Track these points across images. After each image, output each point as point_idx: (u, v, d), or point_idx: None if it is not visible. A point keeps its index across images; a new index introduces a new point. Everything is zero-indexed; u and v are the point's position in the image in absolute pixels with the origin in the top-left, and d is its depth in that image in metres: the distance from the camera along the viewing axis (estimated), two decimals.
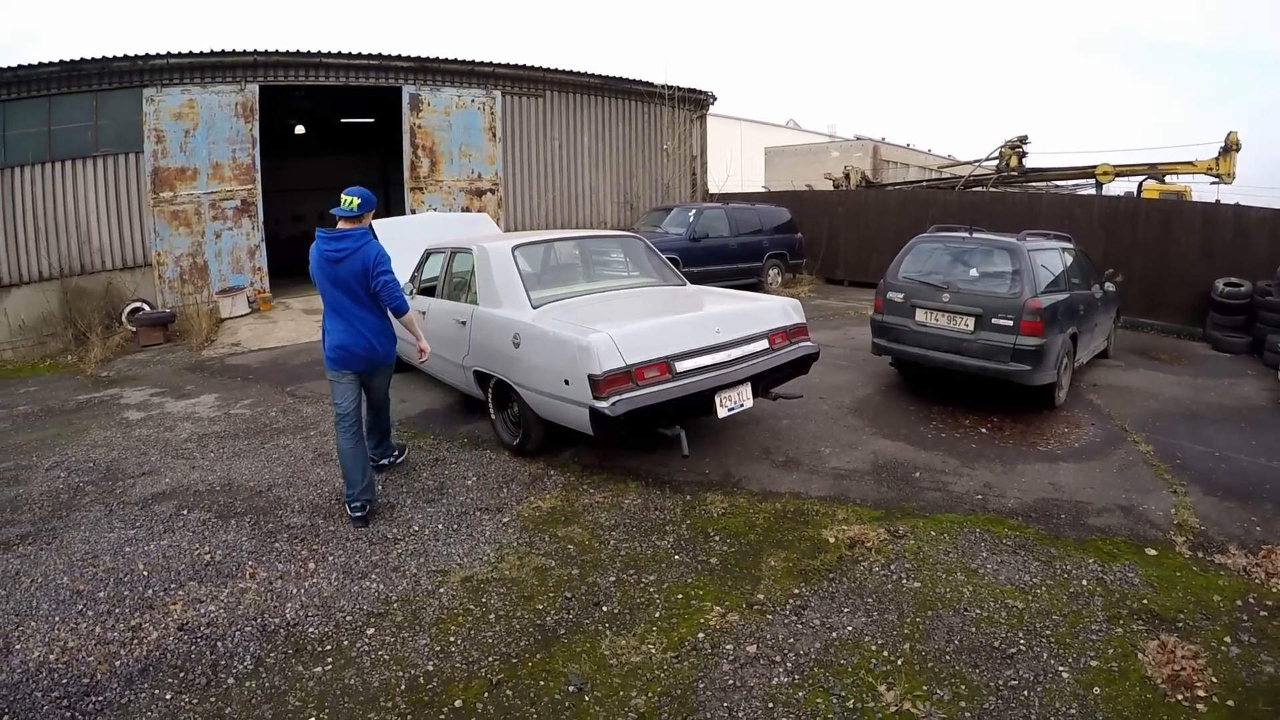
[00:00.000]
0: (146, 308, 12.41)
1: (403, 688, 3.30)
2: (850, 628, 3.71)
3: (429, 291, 7.35)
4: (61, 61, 11.76)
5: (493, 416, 6.31)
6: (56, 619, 3.91)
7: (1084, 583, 4.11)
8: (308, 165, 21.03)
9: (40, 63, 11.67)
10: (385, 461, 5.85)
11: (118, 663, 3.52)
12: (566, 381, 5.08)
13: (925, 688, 3.24)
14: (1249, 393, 8.17)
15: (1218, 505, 5.16)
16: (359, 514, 4.96)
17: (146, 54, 12.24)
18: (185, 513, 5.20)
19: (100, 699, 3.27)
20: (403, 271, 7.87)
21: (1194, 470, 5.79)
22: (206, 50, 12.71)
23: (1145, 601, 3.93)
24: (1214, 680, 3.29)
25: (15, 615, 3.96)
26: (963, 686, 3.25)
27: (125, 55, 12.12)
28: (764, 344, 5.80)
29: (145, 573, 4.36)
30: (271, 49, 13.19)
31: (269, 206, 13.87)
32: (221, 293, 13.19)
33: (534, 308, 5.80)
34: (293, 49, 13.38)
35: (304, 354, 10.31)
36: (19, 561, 4.55)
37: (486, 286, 6.19)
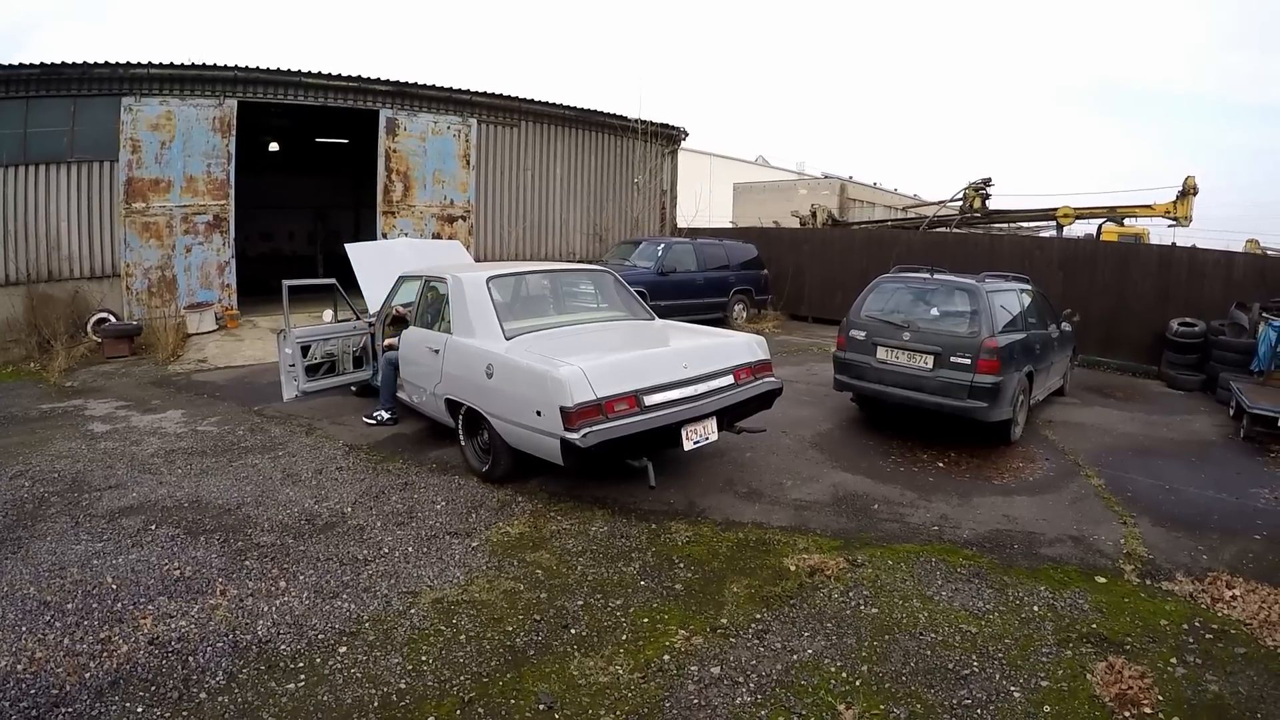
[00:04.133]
0: (113, 319, 12.26)
1: (376, 705, 3.36)
2: (810, 650, 3.83)
3: (402, 318, 7.42)
4: (41, 64, 11.69)
5: (462, 443, 6.37)
6: (23, 629, 3.91)
7: (1035, 609, 4.28)
8: (279, 184, 20.95)
9: (20, 64, 11.59)
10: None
11: (87, 675, 3.53)
12: (538, 412, 5.19)
13: (883, 707, 3.37)
14: (1200, 428, 8.46)
15: (1166, 535, 5.38)
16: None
17: (127, 62, 12.18)
18: (154, 528, 5.20)
19: (69, 710, 3.27)
20: (376, 296, 7.97)
21: (1144, 502, 6.01)
22: (187, 63, 12.69)
23: (1094, 626, 4.11)
24: (1160, 698, 3.45)
25: None
26: (919, 705, 3.38)
27: (106, 62, 12.05)
28: (730, 379, 5.95)
29: (114, 586, 4.37)
30: (252, 65, 13.21)
31: (239, 223, 13.80)
32: (189, 308, 13.08)
33: (507, 339, 5.90)
34: (273, 67, 13.41)
35: (271, 373, 10.23)
36: None
37: (460, 316, 6.28)
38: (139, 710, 3.30)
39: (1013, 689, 3.52)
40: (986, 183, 18.65)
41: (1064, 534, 5.36)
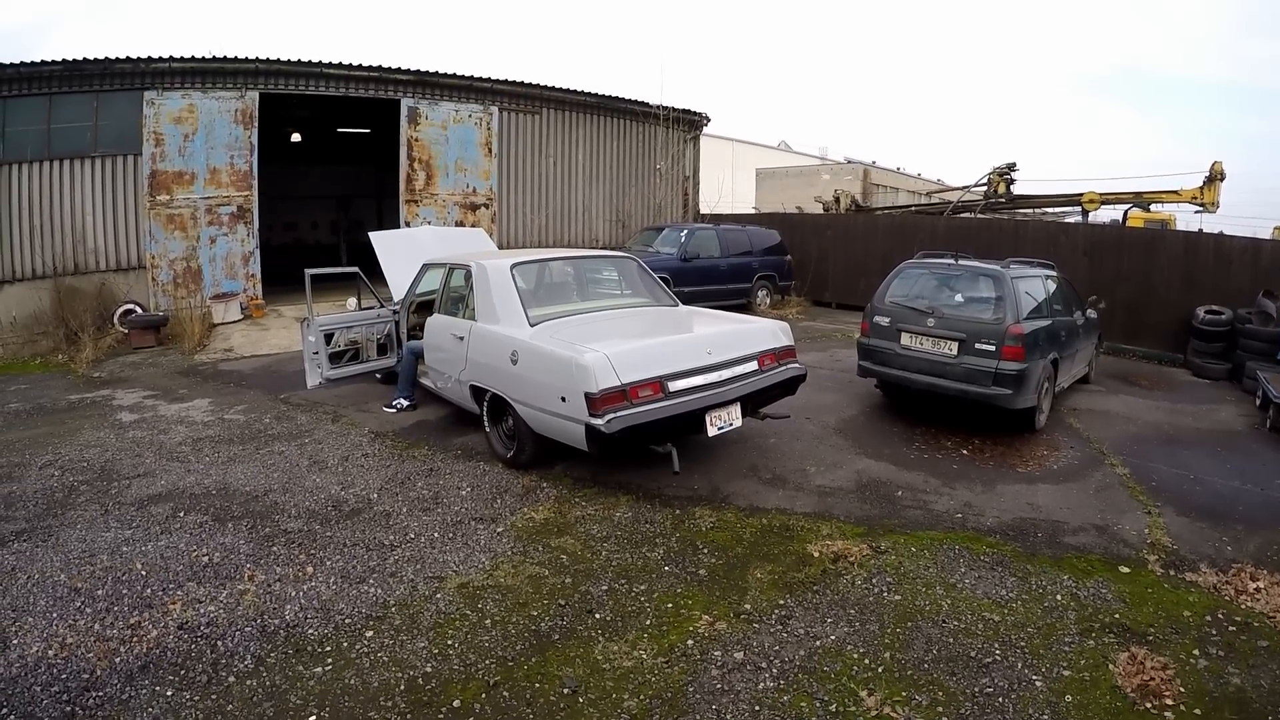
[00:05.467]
0: (139, 310, 12.43)
1: (402, 688, 3.40)
2: (833, 637, 3.83)
3: (427, 305, 7.45)
4: (64, 60, 11.83)
5: (487, 429, 6.40)
6: (54, 615, 3.98)
7: (1058, 597, 4.25)
8: (302, 173, 21.10)
9: (43, 60, 11.73)
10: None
11: (117, 659, 3.59)
12: (563, 398, 5.20)
13: (905, 694, 3.37)
14: (1226, 418, 8.35)
15: (1190, 525, 5.32)
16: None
17: (149, 56, 12.31)
18: (182, 515, 5.27)
19: (100, 694, 3.34)
20: (400, 283, 8.01)
21: (1169, 492, 5.95)
22: (208, 55, 12.80)
23: (1117, 616, 4.08)
24: (1182, 690, 3.43)
25: (12, 611, 4.02)
26: (940, 693, 3.38)
27: (127, 57, 12.17)
28: (754, 365, 5.93)
29: (143, 572, 4.44)
30: (273, 57, 13.28)
31: (262, 213, 13.93)
32: (215, 298, 13.21)
33: (531, 325, 5.91)
34: (294, 58, 13.47)
35: (297, 361, 10.29)
36: (14, 558, 4.62)
37: (484, 303, 6.30)
38: (168, 694, 3.35)
39: (1035, 678, 3.51)
40: (1011, 168, 18.42)
41: (1088, 523, 5.32)
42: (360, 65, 14.15)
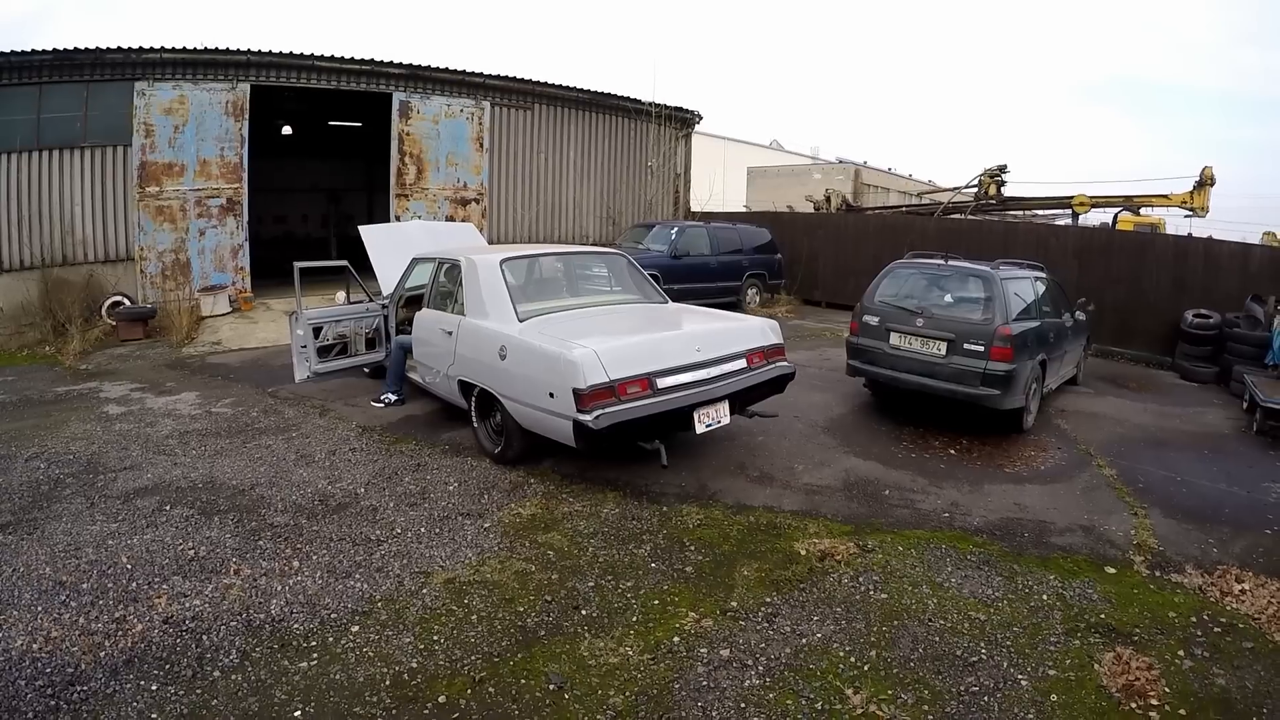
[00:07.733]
0: (127, 302, 12.34)
1: (387, 683, 3.39)
2: (819, 635, 3.84)
3: (415, 300, 7.43)
4: (54, 50, 11.73)
5: (475, 425, 6.39)
6: (39, 609, 3.95)
7: (1044, 597, 4.28)
8: (293, 166, 21.00)
9: (33, 50, 11.63)
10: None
11: (102, 653, 3.57)
12: (551, 394, 5.20)
13: (890, 692, 3.38)
14: (1213, 421, 8.40)
15: (1177, 527, 5.35)
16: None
17: (140, 47, 12.21)
18: (168, 508, 5.25)
19: (85, 688, 3.32)
20: (389, 278, 7.98)
21: (1155, 494, 5.98)
22: (200, 47, 12.70)
23: (1103, 616, 4.10)
24: (1167, 691, 3.45)
25: None
26: (926, 691, 3.39)
27: (119, 47, 12.08)
28: (742, 363, 5.94)
29: (129, 566, 4.42)
30: (265, 49, 13.20)
31: (252, 206, 13.83)
32: (203, 291, 13.14)
33: (520, 321, 5.90)
34: (286, 50, 13.39)
35: (285, 355, 10.21)
36: None
37: (474, 298, 6.28)
38: (153, 688, 3.34)
39: (1020, 677, 3.53)
40: (1002, 169, 18.41)
41: (1074, 523, 5.35)
42: (352, 58, 14.07)
